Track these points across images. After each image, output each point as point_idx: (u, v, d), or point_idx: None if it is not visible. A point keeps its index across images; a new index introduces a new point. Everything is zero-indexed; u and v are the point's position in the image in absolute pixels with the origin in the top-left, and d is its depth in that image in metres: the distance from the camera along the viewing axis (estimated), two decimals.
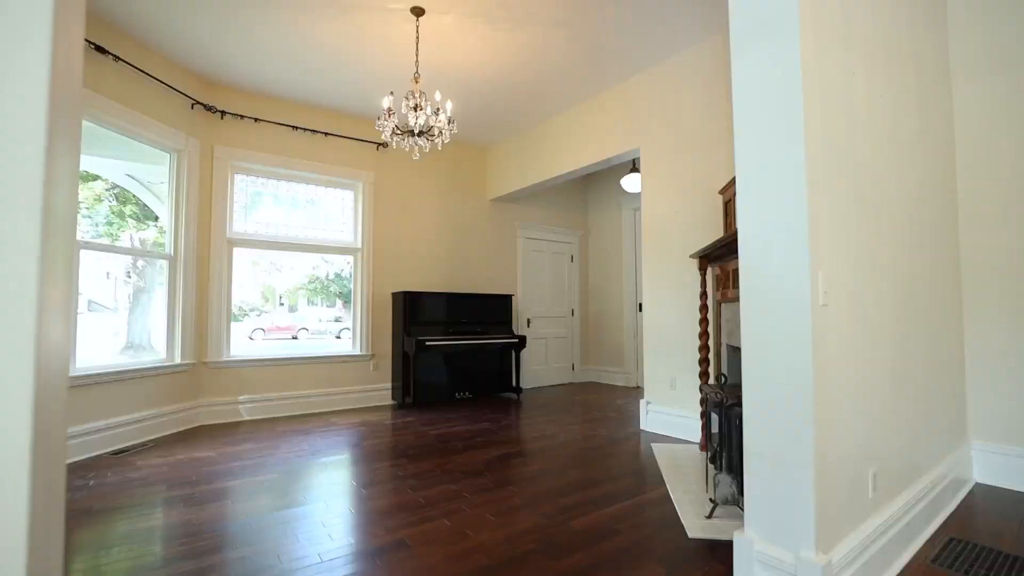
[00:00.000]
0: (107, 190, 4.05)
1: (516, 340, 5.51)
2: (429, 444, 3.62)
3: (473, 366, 5.51)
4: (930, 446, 2.26)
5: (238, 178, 4.58)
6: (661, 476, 2.92)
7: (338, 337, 5.37)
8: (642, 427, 4.11)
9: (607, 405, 5.13)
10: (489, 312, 5.65)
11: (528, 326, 6.38)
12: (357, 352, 5.09)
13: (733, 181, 3.23)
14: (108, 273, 4.19)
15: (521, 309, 6.32)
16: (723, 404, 2.42)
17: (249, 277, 5.40)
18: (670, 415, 3.91)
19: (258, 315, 5.59)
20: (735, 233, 2.73)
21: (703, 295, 3.45)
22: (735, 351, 3.15)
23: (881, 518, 1.75)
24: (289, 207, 4.91)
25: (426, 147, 3.38)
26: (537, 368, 6.43)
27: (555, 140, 5.12)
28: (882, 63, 2.04)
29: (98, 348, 3.86)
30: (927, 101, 2.51)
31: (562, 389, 6.22)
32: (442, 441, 3.71)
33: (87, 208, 3.94)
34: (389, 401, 5.25)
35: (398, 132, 3.30)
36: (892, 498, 1.87)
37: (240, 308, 5.57)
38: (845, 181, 1.71)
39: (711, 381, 3.46)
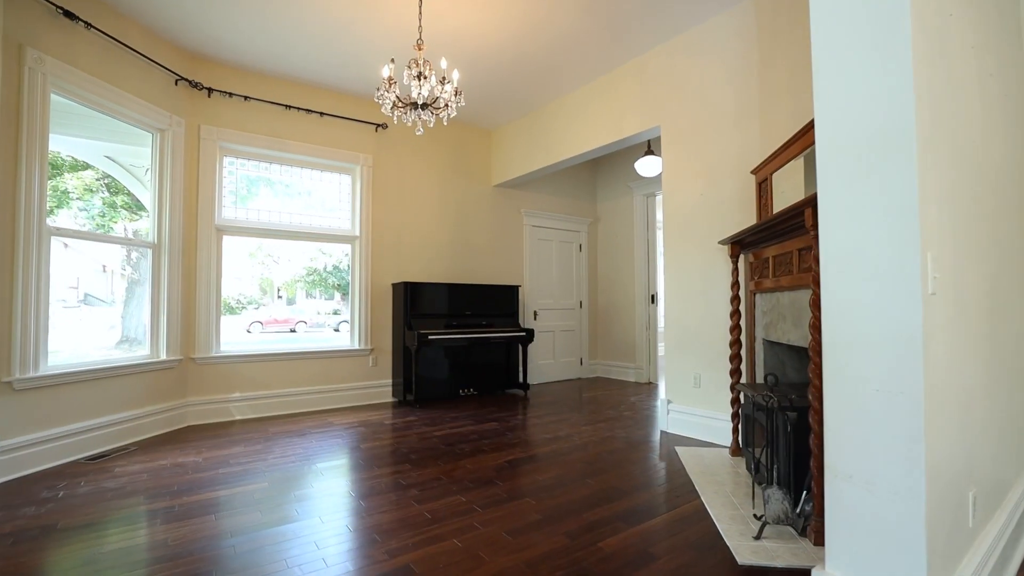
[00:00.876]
0: (97, 180, 3.77)
1: (523, 333, 5.22)
2: (433, 447, 3.34)
3: (478, 361, 5.22)
4: (1017, 457, 1.97)
5: (227, 161, 4.26)
6: (692, 485, 2.64)
7: (336, 330, 5.10)
8: (662, 428, 3.83)
9: (621, 403, 4.85)
10: (494, 304, 5.35)
11: (535, 319, 6.09)
12: (356, 346, 4.80)
13: (770, 159, 2.92)
14: (104, 266, 3.90)
15: (527, 301, 6.02)
16: (772, 408, 2.12)
17: (246, 269, 5.11)
18: (694, 415, 3.62)
19: (256, 308, 5.29)
20: (777, 216, 2.44)
21: (735, 285, 3.15)
22: (774, 347, 2.86)
23: (980, 549, 1.46)
24: (283, 193, 4.60)
25: (430, 121, 3.06)
26: (544, 363, 6.14)
27: (566, 120, 4.80)
28: (970, 6, 1.72)
29: (95, 342, 3.58)
30: (1012, 58, 2.19)
31: (570, 385, 5.94)
32: (447, 443, 3.43)
33: (78, 198, 3.65)
34: (389, 398, 4.97)
35: (399, 105, 2.98)
36: (986, 523, 1.59)
37: (238, 301, 5.30)
38: (946, 141, 1.41)
39: (745, 380, 3.17)
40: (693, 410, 3.64)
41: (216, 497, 2.46)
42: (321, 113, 4.59)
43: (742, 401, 3.11)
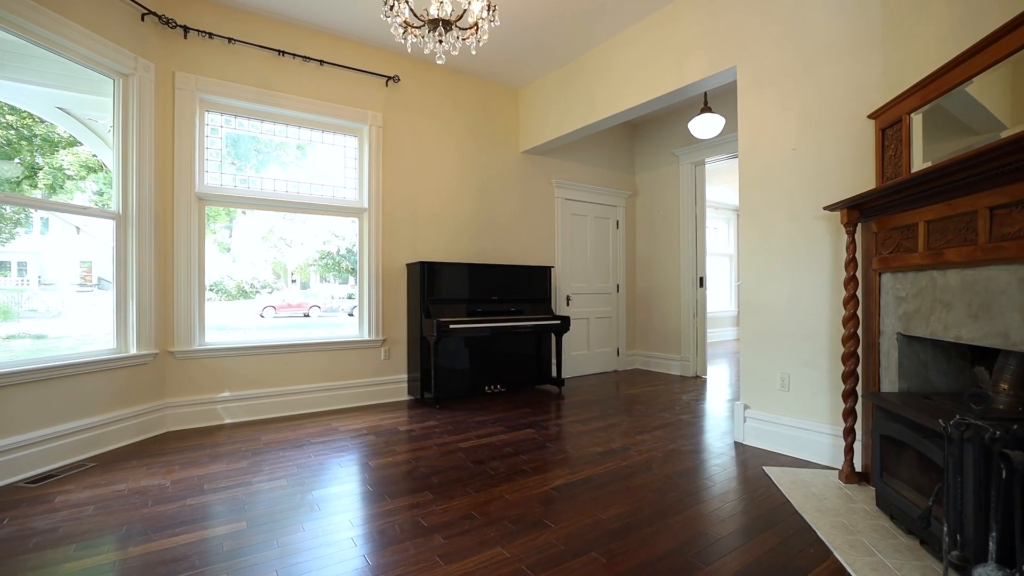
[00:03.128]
0: (93, 156, 3.17)
1: (558, 322, 4.53)
2: (460, 465, 2.68)
3: (505, 353, 4.55)
4: None
5: (209, 118, 3.58)
6: (812, 530, 1.95)
7: (351, 314, 4.56)
8: (736, 438, 3.13)
9: (673, 402, 4.15)
10: (524, 288, 4.66)
11: (567, 304, 5.39)
12: (365, 337, 4.16)
13: (902, 97, 2.16)
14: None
15: (559, 284, 5.32)
16: (986, 440, 1.41)
17: (259, 253, 4.64)
18: (779, 425, 2.92)
19: (270, 292, 4.76)
20: (928, 171, 1.70)
21: (851, 263, 2.41)
22: (917, 345, 2.13)
23: None
24: (276, 157, 3.92)
25: (455, 47, 2.33)
26: (577, 354, 5.46)
27: (611, 69, 4.02)
28: None
29: (103, 330, 3.03)
30: None
31: (607, 379, 5.26)
32: (476, 460, 2.77)
33: (76, 176, 3.09)
34: (404, 396, 4.33)
35: (414, 25, 2.26)
36: None
37: (251, 285, 4.83)
38: None
39: (863, 385, 2.44)
40: (778, 418, 2.93)
41: (173, 548, 1.83)
42: (321, 61, 3.88)
43: (859, 415, 2.39)
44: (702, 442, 3.10)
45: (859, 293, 2.45)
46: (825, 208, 2.52)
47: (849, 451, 2.41)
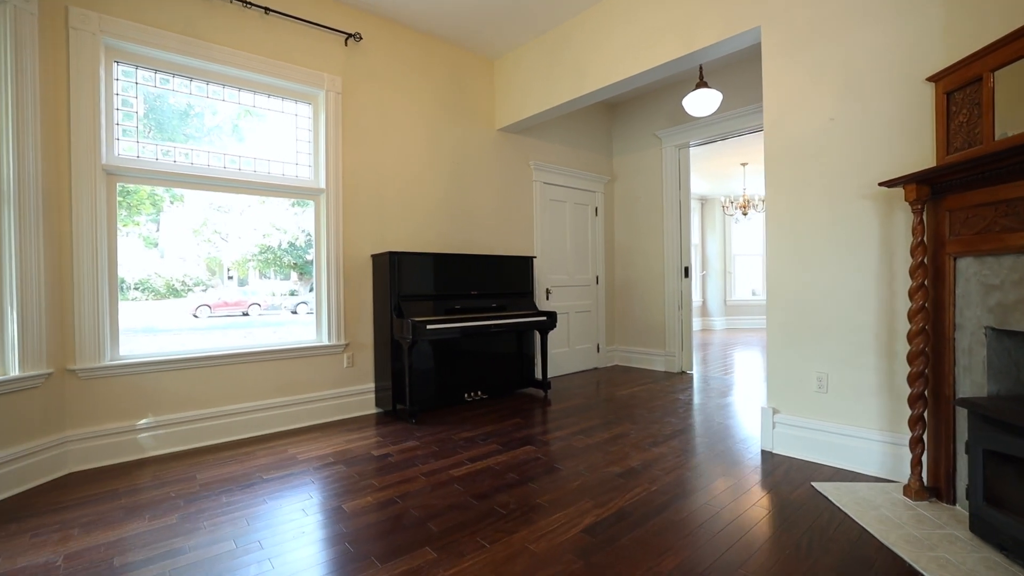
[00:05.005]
0: None
1: (543, 318, 4.06)
2: (460, 503, 2.17)
3: (485, 354, 4.04)
4: None
5: (121, 71, 2.83)
6: (918, 573, 1.59)
7: (294, 312, 3.91)
8: (764, 446, 2.79)
9: (672, 403, 3.80)
10: (505, 281, 4.16)
11: (548, 298, 4.94)
12: (324, 341, 3.53)
13: (981, 54, 1.84)
14: None
15: (538, 276, 4.85)
16: None
17: (191, 248, 3.91)
18: (817, 431, 2.59)
19: (204, 290, 4.01)
20: None
21: (919, 248, 2.08)
22: (1007, 341, 1.81)
23: None
24: (215, 125, 3.20)
25: None
26: (557, 352, 5.03)
27: (604, 34, 3.57)
28: None
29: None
30: None
31: (590, 378, 4.86)
32: (478, 493, 2.26)
33: None
34: (372, 409, 3.73)
35: None
36: None
37: (183, 283, 4.09)
38: None
39: (930, 386, 2.12)
40: (815, 423, 2.60)
41: None
42: (266, 9, 3.19)
43: (928, 425, 2.07)
44: (727, 454, 2.73)
45: (928, 282, 2.13)
46: (881, 184, 2.18)
47: (917, 464, 2.10)
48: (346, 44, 3.59)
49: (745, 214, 6.80)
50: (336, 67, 3.56)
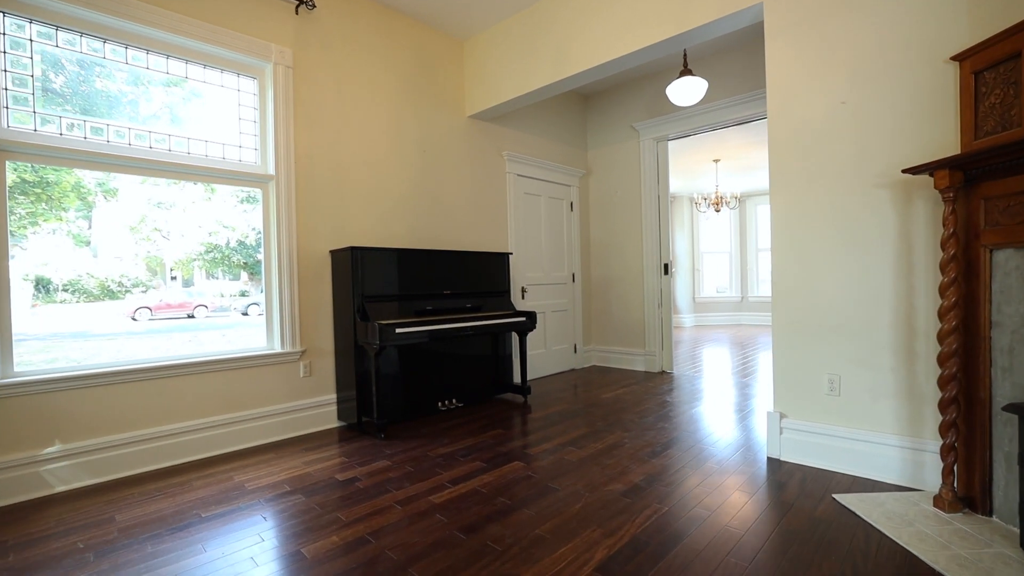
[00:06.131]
0: None
1: (523, 318, 3.76)
2: (446, 540, 1.83)
3: (459, 358, 3.70)
4: None
5: (10, 23, 2.31)
6: None
7: (245, 313, 3.47)
8: (770, 453, 2.59)
9: (662, 408, 3.58)
10: (480, 279, 3.83)
11: (523, 297, 4.64)
12: (277, 348, 3.09)
13: (1014, 30, 1.67)
14: None
15: (514, 274, 4.55)
16: None
17: (129, 246, 3.40)
18: (828, 436, 2.41)
19: (144, 291, 3.50)
20: None
21: (951, 240, 1.90)
22: None
23: None
24: (133, 96, 2.71)
25: None
26: (534, 353, 4.74)
27: (586, 10, 3.30)
28: None
29: None
30: None
31: (569, 380, 4.60)
32: (466, 526, 1.93)
33: None
34: (334, 422, 3.32)
35: None
36: None
37: (119, 284, 3.58)
38: None
39: (958, 388, 1.95)
40: (826, 428, 2.42)
41: None
42: None
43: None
44: (733, 463, 2.51)
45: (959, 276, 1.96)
46: (906, 171, 2.00)
47: (950, 473, 1.92)
48: (297, 12, 3.16)
49: (718, 211, 6.73)
50: (286, 38, 3.13)
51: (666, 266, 4.91)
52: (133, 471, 2.52)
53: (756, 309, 9.37)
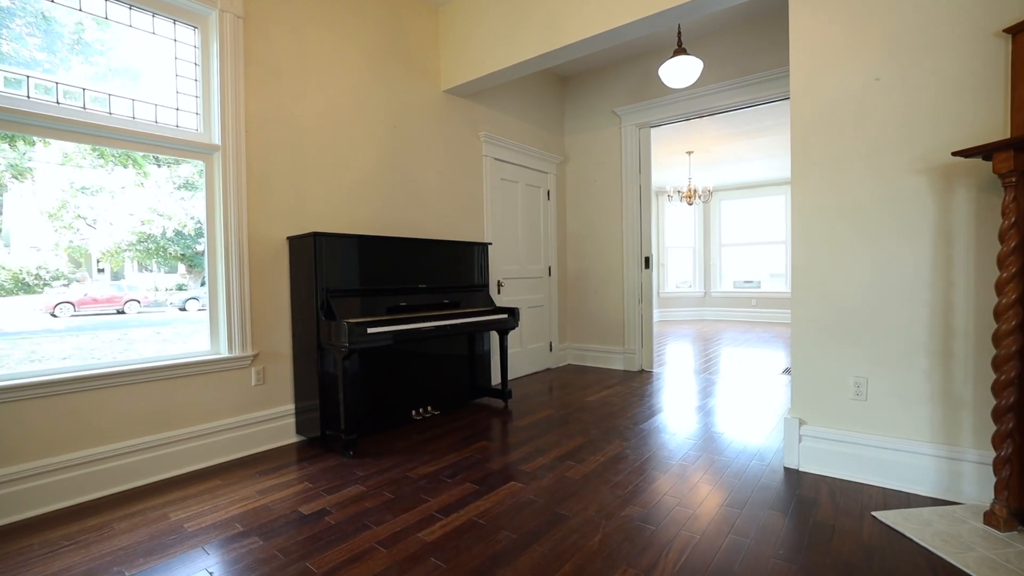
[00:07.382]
0: None
1: (505, 316, 3.42)
2: None
3: (434, 360, 3.32)
4: None
5: None
6: None
7: (183, 308, 2.99)
8: (787, 463, 2.38)
9: (653, 411, 3.34)
10: (457, 272, 3.45)
11: (499, 292, 4.30)
12: (224, 352, 2.60)
13: None
14: None
15: (491, 267, 4.19)
16: None
17: (49, 235, 2.82)
18: (853, 444, 2.22)
19: (65, 285, 2.88)
20: None
21: (1012, 230, 1.72)
22: None
23: None
24: (48, 42, 2.15)
25: None
26: (510, 352, 4.41)
27: None
28: None
29: None
30: None
31: (547, 380, 4.31)
32: (468, 571, 1.58)
33: None
34: (292, 437, 2.86)
35: None
36: None
37: (36, 276, 3.00)
38: None
39: (1016, 396, 1.78)
40: (851, 436, 2.23)
41: None
42: None
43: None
44: (749, 475, 2.29)
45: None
46: (956, 153, 1.81)
47: (1004, 488, 1.75)
48: None
49: (691, 204, 6.63)
50: None
51: (647, 260, 4.70)
52: (39, 510, 1.99)
53: (718, 304, 9.45)
